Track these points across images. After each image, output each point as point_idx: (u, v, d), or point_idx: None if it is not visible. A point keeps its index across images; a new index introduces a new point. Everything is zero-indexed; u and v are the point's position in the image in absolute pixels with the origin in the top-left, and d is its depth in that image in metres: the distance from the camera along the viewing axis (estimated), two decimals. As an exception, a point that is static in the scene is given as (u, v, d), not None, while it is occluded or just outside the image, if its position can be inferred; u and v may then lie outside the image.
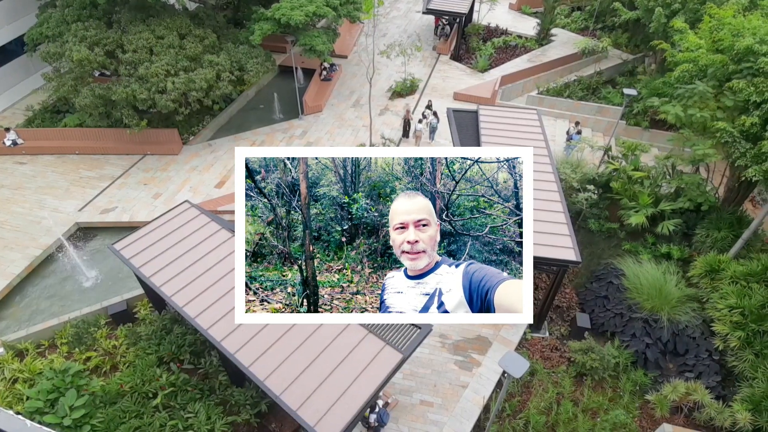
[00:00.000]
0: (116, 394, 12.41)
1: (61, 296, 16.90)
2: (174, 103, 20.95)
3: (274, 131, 24.94)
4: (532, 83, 27.55)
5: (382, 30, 33.44)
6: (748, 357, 12.78)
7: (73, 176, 21.79)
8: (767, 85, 13.45)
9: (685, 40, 15.97)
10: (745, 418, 11.74)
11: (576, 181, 18.09)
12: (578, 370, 14.10)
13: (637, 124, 23.47)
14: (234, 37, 24.52)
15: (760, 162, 13.52)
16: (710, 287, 14.64)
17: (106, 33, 21.43)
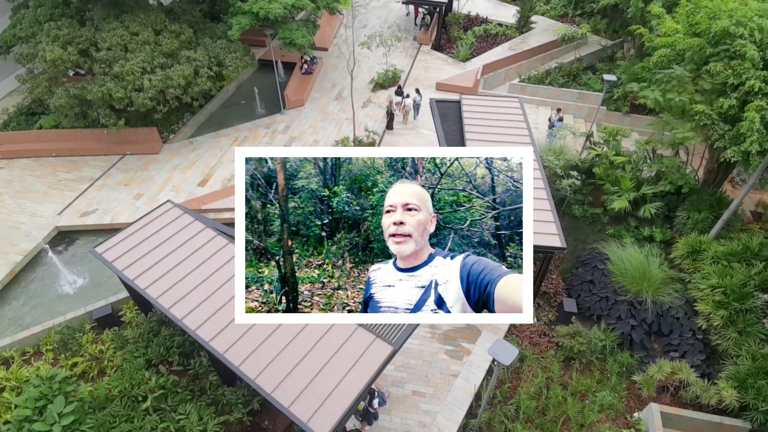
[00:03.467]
0: (105, 399, 12.26)
1: (45, 302, 16.58)
2: (152, 101, 20.56)
3: (257, 127, 24.66)
4: (513, 71, 27.61)
5: (362, 21, 33.15)
6: (731, 335, 13.07)
7: (51, 179, 21.32)
8: (744, 68, 13.65)
9: (662, 25, 16.10)
10: (731, 396, 12.03)
11: (559, 168, 18.25)
12: (566, 355, 14.31)
13: (617, 110, 23.71)
14: (211, 32, 24.09)
15: (738, 143, 13.75)
16: (692, 268, 14.93)
17: (79, 31, 20.90)
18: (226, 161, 22.37)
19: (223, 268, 12.32)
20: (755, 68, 13.60)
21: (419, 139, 23.32)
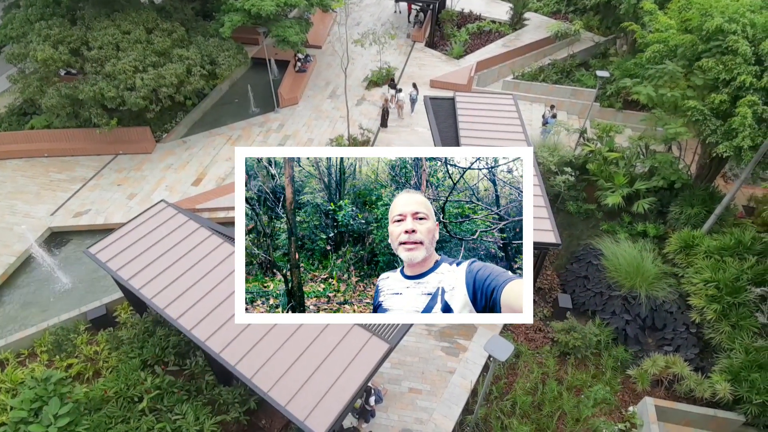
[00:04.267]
0: (101, 400, 12.20)
1: (39, 303, 16.47)
2: (144, 100, 20.44)
3: (251, 125, 24.57)
4: (507, 68, 27.64)
5: (355, 18, 33.07)
6: (724, 329, 13.17)
7: (43, 180, 21.15)
8: (736, 63, 13.73)
9: (655, 21, 16.17)
10: (725, 389, 12.13)
11: (554, 164, 18.31)
12: (561, 350, 14.39)
13: (610, 106, 23.80)
14: (203, 30, 23.96)
15: (730, 138, 13.86)
16: (685, 262, 15.03)
17: (70, 30, 20.73)
18: (220, 160, 22.28)
19: (218, 268, 12.28)
20: (747, 63, 13.69)
21: (414, 137, 23.33)
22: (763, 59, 13.72)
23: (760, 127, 13.46)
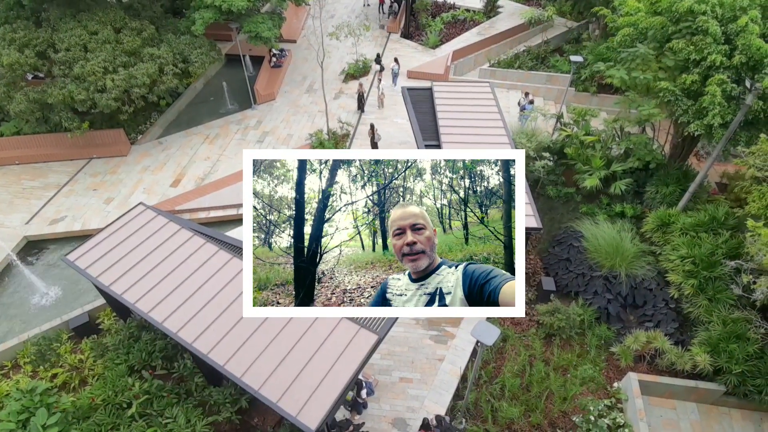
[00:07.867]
0: (89, 408, 12.03)
1: (19, 315, 16.10)
2: (116, 102, 19.99)
3: (228, 123, 24.26)
4: (483, 56, 27.76)
5: (329, 11, 32.79)
6: (702, 303, 13.53)
7: (15, 188, 20.60)
8: (706, 42, 13.99)
9: (624, 5, 16.38)
10: (704, 360, 12.51)
11: (532, 150, 18.51)
12: (547, 332, 14.66)
13: (585, 90, 24.12)
14: (174, 28, 23.47)
15: (701, 117, 14.17)
16: (662, 240, 15.38)
17: (35, 33, 20.12)
18: (198, 160, 21.97)
19: (202, 269, 12.16)
20: (717, 43, 13.96)
21: (393, 128, 23.33)
22: (732, 38, 14.02)
23: (729, 105, 13.79)
